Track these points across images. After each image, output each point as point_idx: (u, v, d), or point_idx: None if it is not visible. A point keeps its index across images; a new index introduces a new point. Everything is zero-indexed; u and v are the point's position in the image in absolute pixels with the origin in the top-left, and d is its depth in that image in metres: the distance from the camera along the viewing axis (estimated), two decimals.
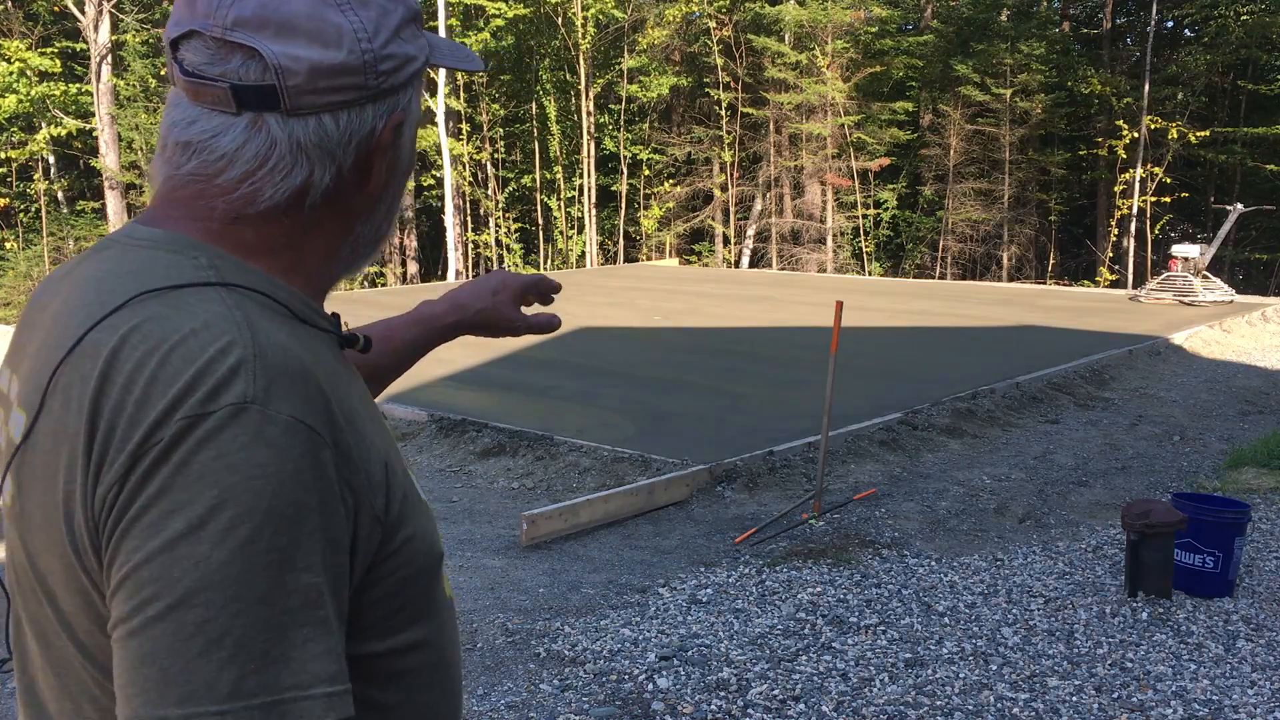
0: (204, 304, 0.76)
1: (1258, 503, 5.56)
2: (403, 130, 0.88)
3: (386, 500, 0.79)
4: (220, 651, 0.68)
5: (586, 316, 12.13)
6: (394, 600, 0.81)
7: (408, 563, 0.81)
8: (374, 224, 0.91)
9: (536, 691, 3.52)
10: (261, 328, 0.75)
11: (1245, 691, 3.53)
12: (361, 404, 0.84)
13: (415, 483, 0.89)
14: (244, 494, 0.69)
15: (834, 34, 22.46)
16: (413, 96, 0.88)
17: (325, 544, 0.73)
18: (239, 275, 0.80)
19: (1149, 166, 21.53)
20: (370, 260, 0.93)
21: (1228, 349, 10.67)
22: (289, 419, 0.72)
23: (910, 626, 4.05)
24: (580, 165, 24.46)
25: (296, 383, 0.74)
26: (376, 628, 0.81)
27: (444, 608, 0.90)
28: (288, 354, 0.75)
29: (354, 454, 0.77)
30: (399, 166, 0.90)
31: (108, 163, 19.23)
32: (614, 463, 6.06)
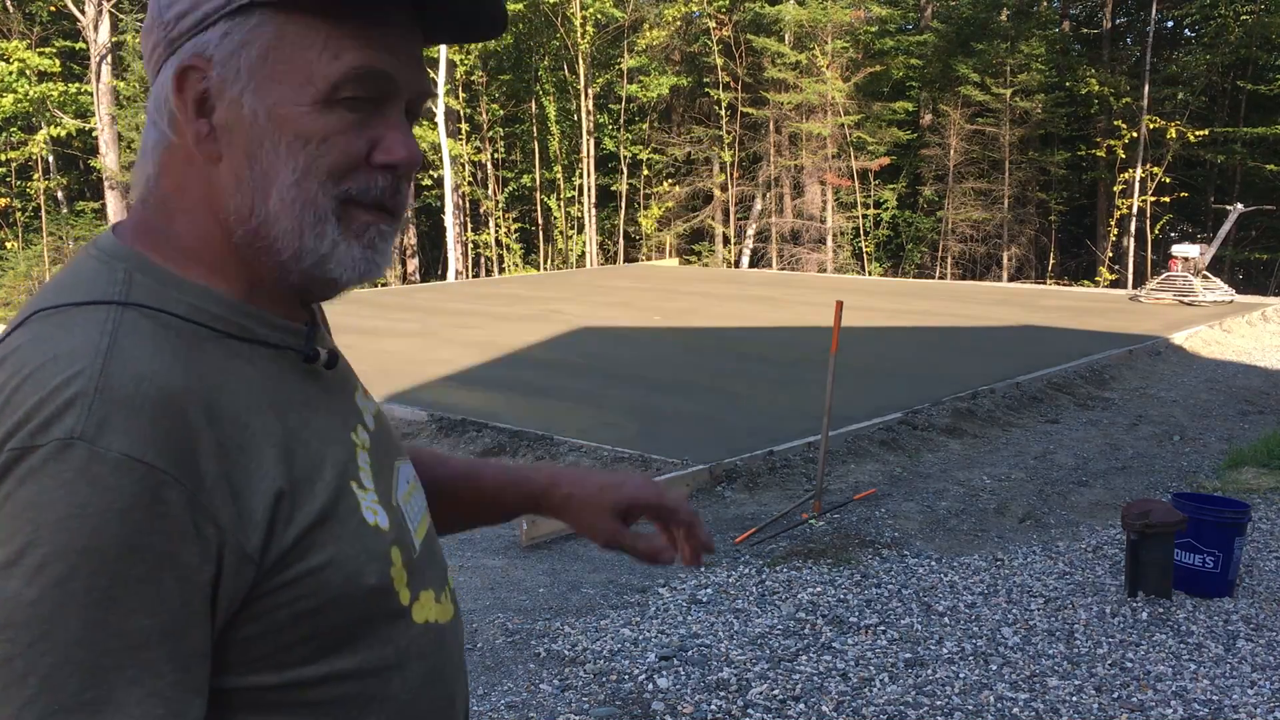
0: (84, 326, 0.73)
1: (1258, 503, 5.56)
2: (197, 75, 0.78)
3: (268, 536, 0.74)
4: (24, 690, 0.66)
5: (586, 316, 12.14)
6: (291, 632, 0.77)
7: (310, 594, 0.77)
8: (246, 196, 0.79)
9: (536, 691, 3.52)
10: (126, 356, 0.72)
11: (1245, 691, 3.53)
12: (284, 430, 0.79)
13: (371, 503, 0.84)
14: (60, 533, 0.66)
15: (834, 34, 22.46)
16: (220, 38, 0.77)
17: (169, 583, 0.69)
18: (149, 292, 0.77)
19: (1149, 166, 21.53)
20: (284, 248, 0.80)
21: (1228, 349, 10.67)
22: (119, 456, 0.68)
23: (910, 626, 4.05)
24: (580, 165, 24.46)
25: (144, 415, 0.70)
26: (270, 659, 0.77)
27: (403, 636, 0.85)
28: (142, 384, 0.71)
29: (222, 489, 0.72)
30: (243, 122, 0.78)
31: (107, 163, 19.23)
32: (614, 463, 6.06)
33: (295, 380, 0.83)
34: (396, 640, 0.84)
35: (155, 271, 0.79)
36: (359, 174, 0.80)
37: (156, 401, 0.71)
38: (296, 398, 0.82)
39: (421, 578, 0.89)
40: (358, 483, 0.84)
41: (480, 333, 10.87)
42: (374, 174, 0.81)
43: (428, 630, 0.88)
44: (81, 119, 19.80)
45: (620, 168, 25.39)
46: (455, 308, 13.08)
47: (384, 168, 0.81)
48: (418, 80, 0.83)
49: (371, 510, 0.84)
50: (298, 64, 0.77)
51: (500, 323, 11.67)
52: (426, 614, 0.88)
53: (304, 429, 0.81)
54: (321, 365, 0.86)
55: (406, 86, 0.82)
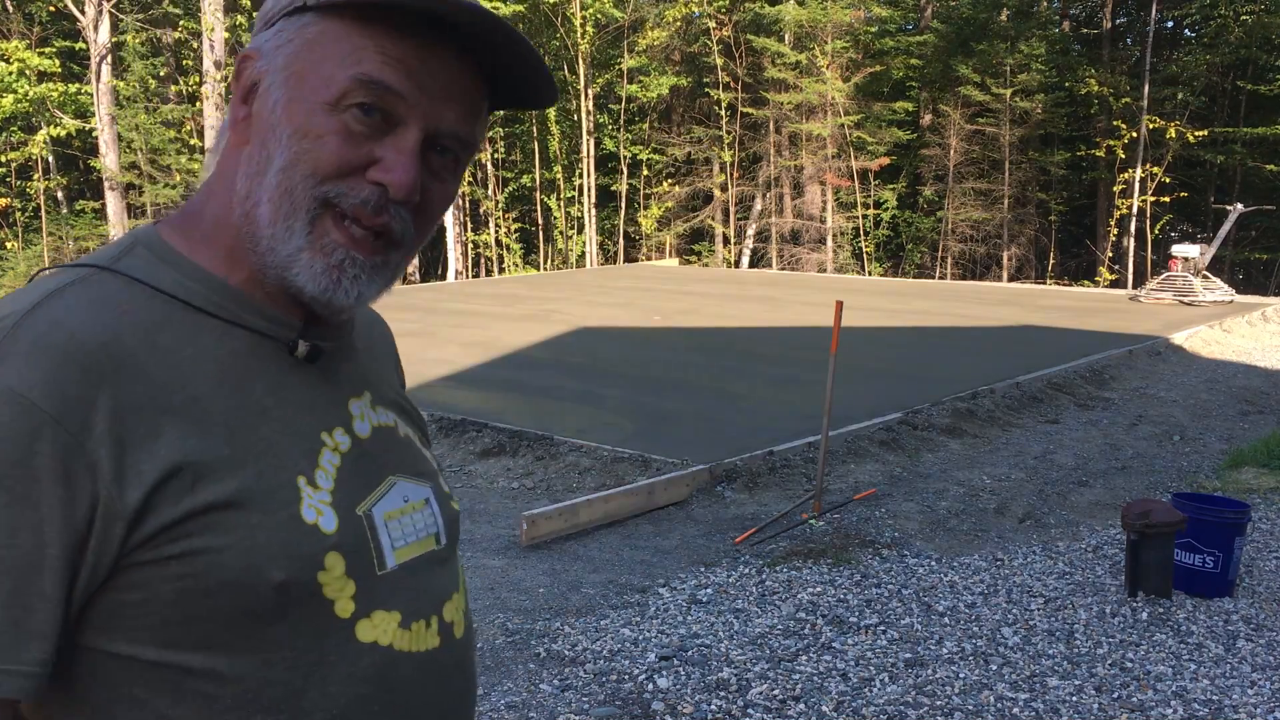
0: (46, 282, 0.78)
1: (1258, 503, 5.56)
2: (249, 65, 0.83)
3: (146, 502, 0.74)
4: None
5: (586, 316, 12.13)
6: (175, 609, 0.76)
7: (200, 574, 0.75)
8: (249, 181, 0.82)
9: (536, 691, 3.52)
10: (58, 304, 0.76)
11: (1245, 691, 3.53)
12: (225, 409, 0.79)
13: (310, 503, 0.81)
14: None
15: (834, 34, 22.46)
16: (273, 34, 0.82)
17: (20, 519, 0.70)
18: (139, 264, 0.82)
19: (1148, 166, 21.52)
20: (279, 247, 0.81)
21: (1228, 349, 10.67)
22: (6, 388, 0.70)
23: (910, 626, 4.05)
24: (580, 165, 24.46)
25: (44, 359, 0.72)
26: (147, 633, 0.76)
27: (317, 648, 0.80)
28: (56, 331, 0.73)
29: (110, 444, 0.73)
30: (267, 115, 0.81)
31: (107, 163, 19.22)
32: (614, 463, 6.06)
33: (269, 368, 0.84)
34: (322, 651, 0.81)
35: (160, 248, 0.84)
36: (346, 181, 0.80)
37: (63, 347, 0.73)
38: (262, 383, 0.83)
39: (382, 597, 0.85)
40: (308, 479, 0.82)
41: (480, 333, 10.87)
42: (363, 184, 0.80)
43: (372, 652, 0.83)
44: (81, 119, 19.80)
45: (620, 168, 25.39)
46: (455, 307, 13.08)
47: (375, 184, 0.81)
48: (448, 118, 0.82)
49: (314, 509, 0.81)
50: (323, 66, 0.80)
51: (500, 323, 11.67)
52: (378, 636, 0.84)
53: (256, 412, 0.81)
54: (300, 357, 0.85)
55: (426, 116, 0.81)
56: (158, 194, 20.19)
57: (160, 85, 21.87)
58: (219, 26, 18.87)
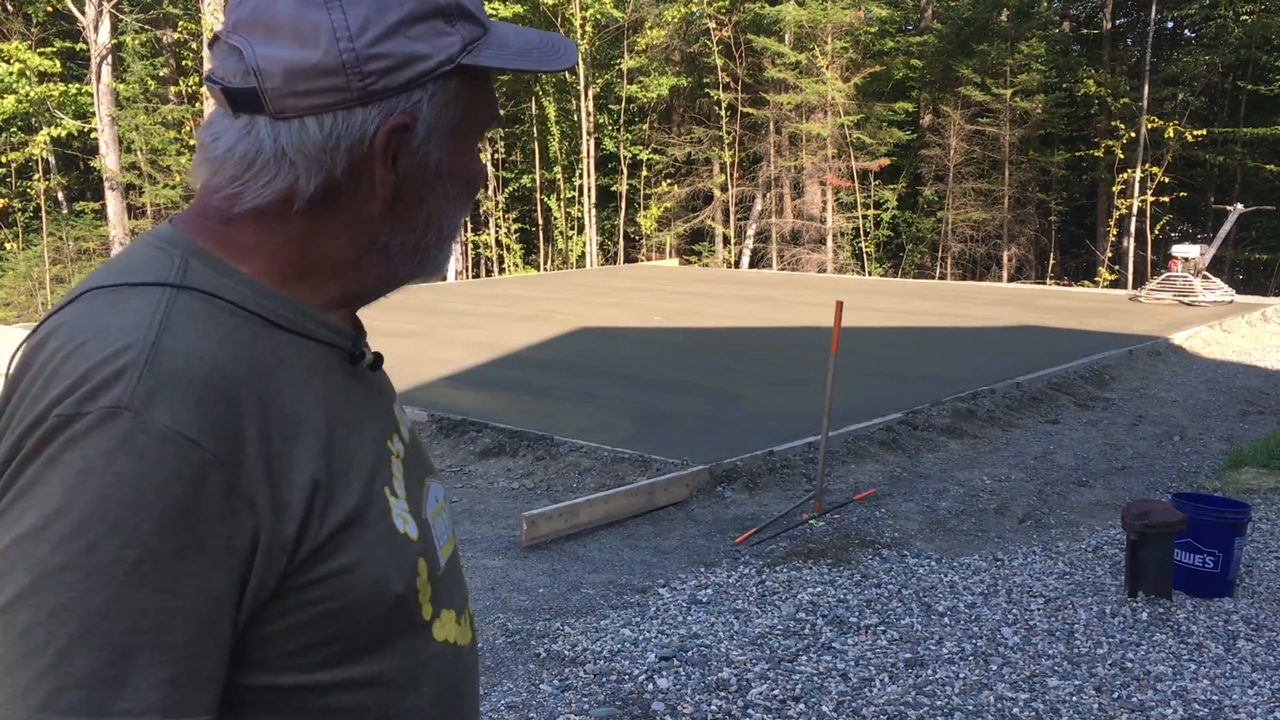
0: (135, 304, 0.74)
1: (1258, 503, 5.56)
2: (410, 135, 0.81)
3: (303, 527, 0.74)
4: (40, 659, 0.65)
5: (586, 316, 12.13)
6: (315, 632, 0.76)
7: (337, 595, 0.76)
8: (407, 235, 0.85)
9: (536, 692, 3.52)
10: (178, 333, 0.73)
11: (1245, 691, 3.53)
12: (327, 422, 0.80)
13: (400, 510, 0.84)
14: (94, 500, 0.66)
15: (834, 34, 22.45)
16: (426, 99, 0.81)
17: (199, 564, 0.68)
18: (205, 277, 0.78)
19: (1148, 166, 21.52)
20: (423, 270, 0.88)
21: (1228, 349, 10.67)
22: (164, 429, 0.68)
23: (910, 626, 4.05)
24: (580, 165, 24.45)
25: (190, 392, 0.70)
26: (290, 660, 0.76)
27: (423, 651, 0.84)
28: (192, 362, 0.71)
29: (262, 473, 0.72)
30: (425, 174, 0.84)
31: (107, 163, 19.23)
32: (614, 463, 6.06)
33: (339, 379, 0.84)
34: (417, 654, 0.84)
35: (211, 260, 0.81)
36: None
37: (205, 380, 0.71)
38: (340, 395, 0.83)
39: (444, 596, 0.88)
40: (390, 489, 0.84)
41: (480, 333, 10.87)
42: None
43: (446, 650, 0.87)
44: (81, 120, 19.80)
45: (620, 168, 25.39)
46: (455, 308, 13.08)
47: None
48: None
49: (401, 518, 0.84)
50: (471, 120, 0.86)
51: (500, 323, 11.67)
52: (447, 633, 0.88)
53: (344, 427, 0.81)
54: (366, 366, 0.88)
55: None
56: (157, 194, 20.19)
57: (160, 86, 21.87)
58: (220, 27, 18.87)
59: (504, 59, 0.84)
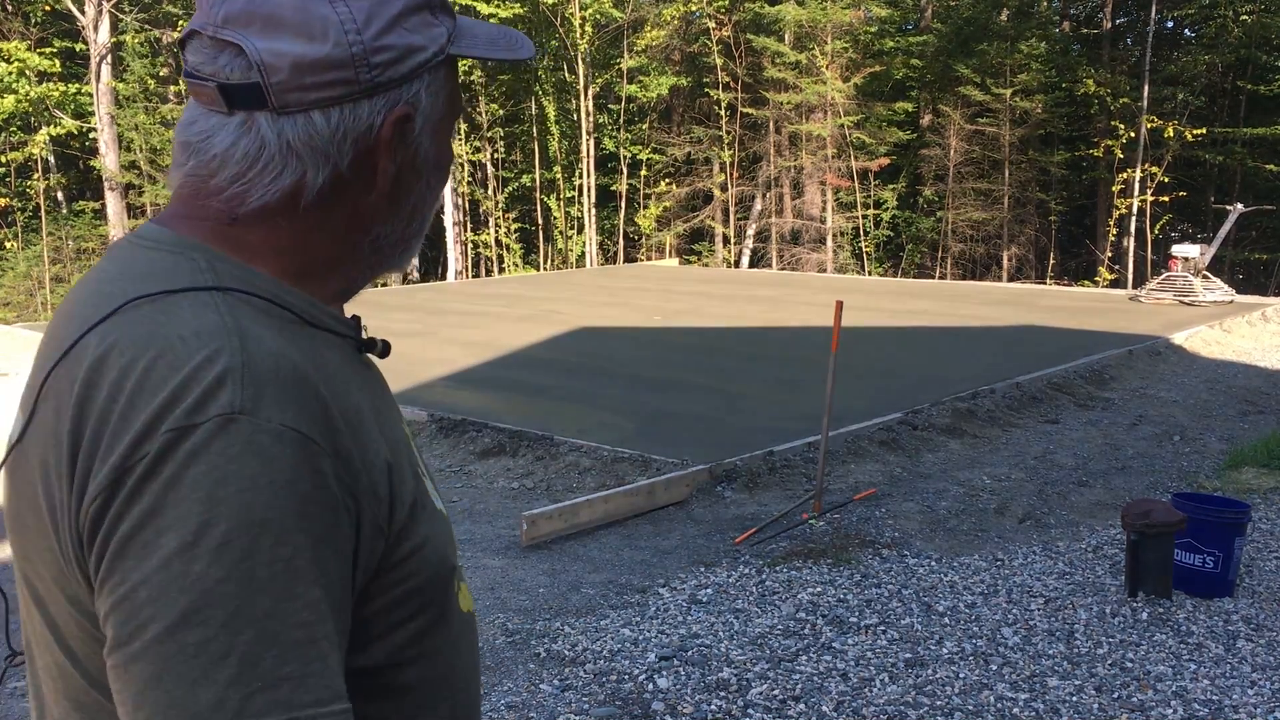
0: (196, 310, 0.74)
1: (1258, 503, 5.56)
2: (411, 125, 0.83)
3: (391, 509, 0.77)
4: (224, 670, 0.65)
5: (586, 316, 12.13)
6: (399, 611, 0.78)
7: (416, 572, 0.79)
8: (396, 225, 0.87)
9: (536, 691, 3.52)
10: (253, 334, 0.73)
11: (1245, 691, 3.53)
12: (372, 408, 0.81)
13: (431, 490, 0.87)
14: (237, 507, 0.67)
15: (834, 34, 22.45)
16: (423, 89, 0.83)
17: (330, 554, 0.70)
18: (238, 279, 0.78)
19: (1148, 166, 21.52)
20: (402, 261, 0.90)
21: (1228, 349, 10.67)
22: (280, 427, 0.69)
23: (910, 626, 4.05)
24: (580, 165, 24.45)
25: (289, 389, 0.71)
26: (379, 640, 0.78)
27: (458, 622, 0.87)
28: (280, 360, 0.72)
29: (355, 461, 0.74)
30: (416, 164, 0.85)
31: (107, 163, 19.22)
32: (614, 463, 6.06)
33: (358, 369, 0.86)
34: (455, 625, 0.86)
35: (227, 260, 0.81)
36: None
37: (294, 377, 0.73)
38: (362, 383, 0.85)
39: (459, 568, 0.92)
40: (418, 470, 0.87)
41: (480, 333, 10.87)
42: None
43: (466, 619, 0.90)
44: (81, 119, 19.79)
45: (620, 168, 25.39)
46: (455, 308, 13.08)
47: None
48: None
49: (436, 496, 0.88)
50: (452, 109, 0.87)
51: (500, 323, 11.67)
52: (464, 602, 0.90)
53: (375, 414, 0.83)
54: (378, 353, 0.90)
55: None
56: (157, 194, 20.18)
57: (160, 85, 21.85)
58: None
59: (480, 49, 0.86)
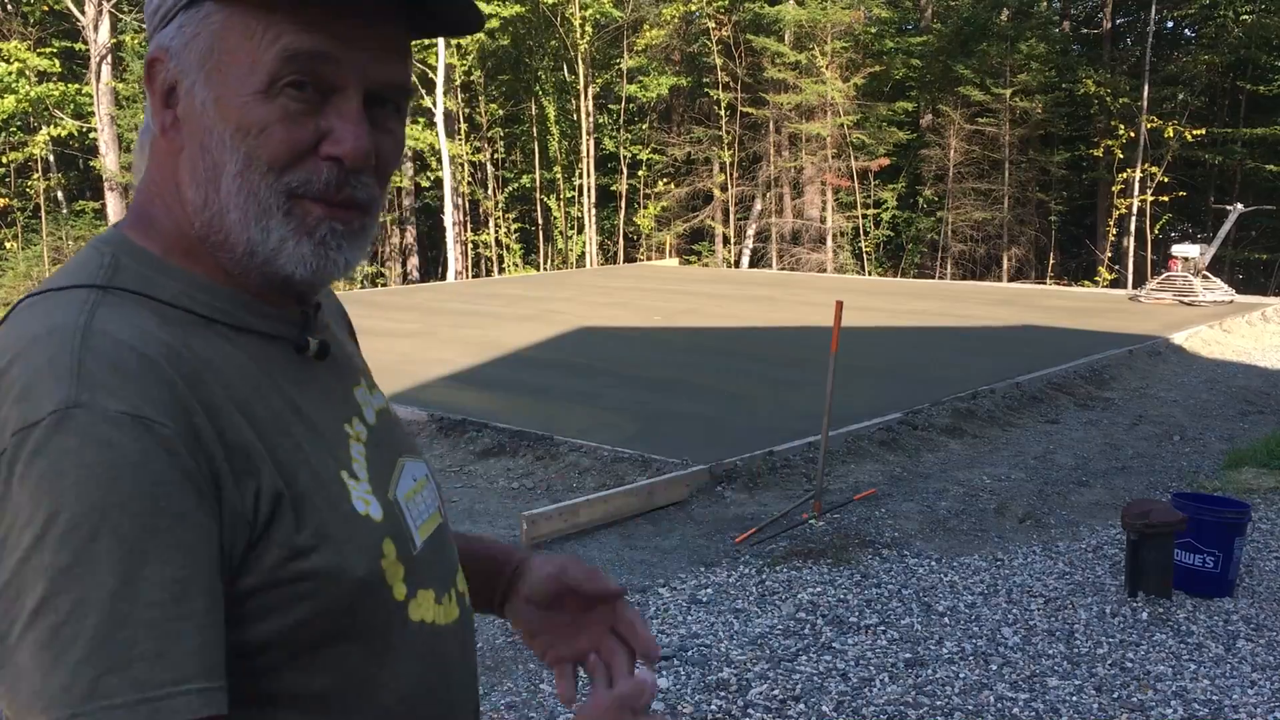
0: (61, 309, 0.74)
1: (1258, 503, 5.56)
2: (163, 69, 0.80)
3: (255, 505, 0.74)
4: (74, 653, 0.65)
5: (586, 316, 12.13)
6: (286, 613, 0.76)
7: (296, 578, 0.76)
8: (200, 189, 0.80)
9: (536, 691, 3.52)
10: (103, 328, 0.73)
11: (1245, 691, 3.53)
12: (284, 406, 0.80)
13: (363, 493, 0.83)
14: (77, 495, 0.67)
15: (833, 34, 22.45)
16: (176, 30, 0.79)
17: (188, 533, 0.69)
18: (133, 277, 0.78)
19: (1147, 166, 21.52)
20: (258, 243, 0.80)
21: (1228, 349, 10.67)
22: (118, 414, 0.69)
23: (910, 626, 4.05)
24: (580, 165, 24.46)
25: (130, 378, 0.70)
26: (263, 643, 0.76)
27: (401, 633, 0.83)
28: (121, 350, 0.72)
29: (215, 445, 0.73)
30: (194, 113, 0.79)
31: (107, 163, 19.22)
32: (614, 463, 6.06)
33: (285, 368, 0.84)
34: (388, 636, 0.83)
35: (142, 256, 0.80)
36: (304, 166, 0.78)
37: (140, 363, 0.72)
38: (286, 385, 0.82)
39: (421, 575, 0.87)
40: (349, 472, 0.83)
41: (480, 333, 10.87)
42: (319, 165, 0.79)
43: (422, 630, 0.86)
44: (81, 119, 19.79)
45: (620, 168, 25.39)
46: (455, 308, 13.08)
47: (330, 159, 0.79)
48: (382, 70, 0.80)
49: (363, 500, 0.83)
50: (241, 54, 0.76)
51: (500, 323, 11.67)
52: (424, 613, 0.87)
53: (290, 415, 0.81)
54: (312, 355, 0.87)
55: (362, 75, 0.79)
56: None
57: None
58: None
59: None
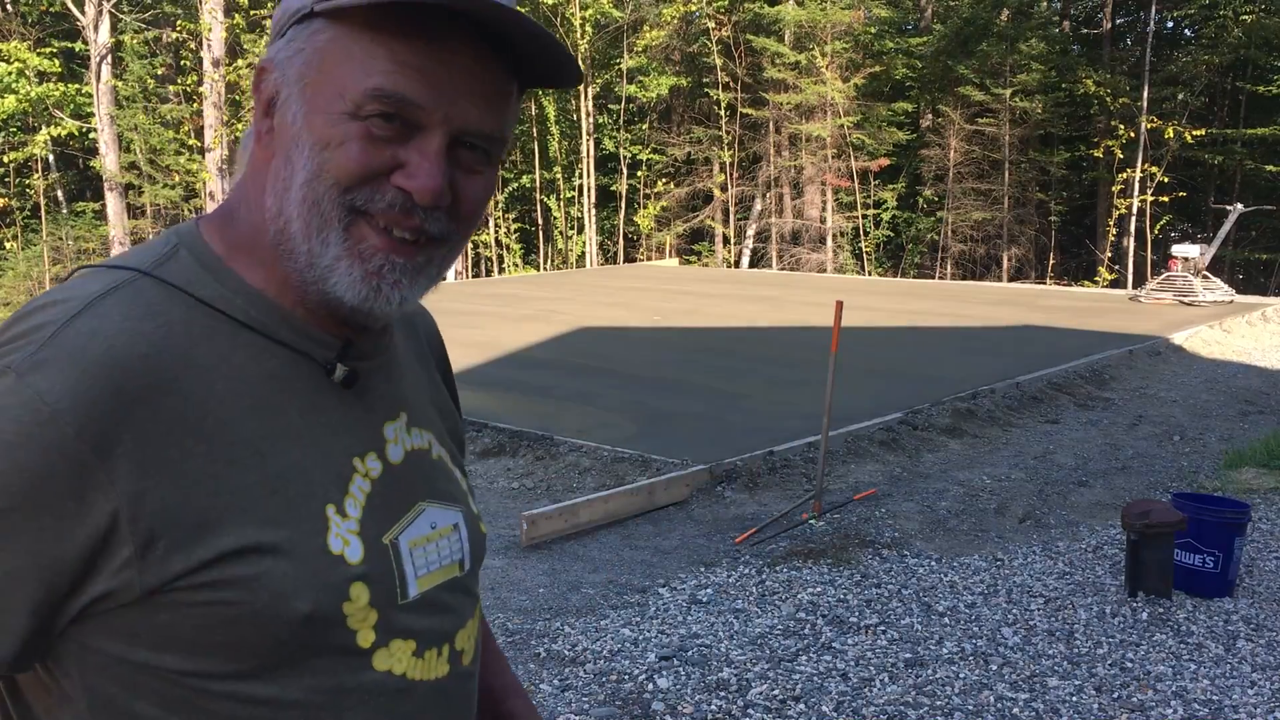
0: (90, 283, 0.77)
1: (1258, 503, 5.56)
2: (264, 78, 0.82)
3: (177, 524, 0.73)
4: None
5: (586, 316, 12.13)
6: (196, 633, 0.74)
7: (229, 602, 0.74)
8: (283, 199, 0.80)
9: (536, 691, 3.52)
10: (98, 312, 0.74)
11: (1245, 691, 3.53)
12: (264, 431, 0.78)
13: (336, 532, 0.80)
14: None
15: (833, 34, 22.45)
16: (285, 44, 0.80)
17: (25, 530, 0.70)
18: (181, 270, 0.80)
19: (1147, 166, 21.52)
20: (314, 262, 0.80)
21: (1228, 349, 10.67)
22: (33, 395, 0.69)
23: (910, 626, 4.05)
24: (580, 165, 24.46)
25: (75, 369, 0.71)
26: (172, 647, 0.75)
27: (335, 676, 0.80)
28: (95, 340, 0.72)
29: (133, 464, 0.71)
30: (285, 125, 0.80)
31: (107, 163, 19.21)
32: (614, 463, 6.06)
33: (305, 389, 0.82)
34: (340, 680, 0.80)
35: (204, 253, 0.82)
36: (371, 185, 0.78)
37: (99, 360, 0.72)
38: (297, 405, 0.81)
39: (402, 626, 0.84)
40: (336, 507, 0.81)
41: (480, 333, 10.87)
42: (388, 188, 0.78)
43: (387, 680, 0.82)
44: (81, 119, 19.78)
45: (620, 168, 25.39)
46: (455, 308, 13.08)
47: (400, 190, 0.79)
48: (471, 116, 0.79)
49: (341, 539, 0.80)
50: (336, 75, 0.77)
51: (500, 323, 11.67)
52: (393, 665, 0.83)
53: (289, 436, 0.79)
54: (338, 380, 0.84)
55: (448, 118, 0.78)
56: (157, 194, 20.18)
57: (159, 85, 21.85)
58: (217, 26, 18.87)
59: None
